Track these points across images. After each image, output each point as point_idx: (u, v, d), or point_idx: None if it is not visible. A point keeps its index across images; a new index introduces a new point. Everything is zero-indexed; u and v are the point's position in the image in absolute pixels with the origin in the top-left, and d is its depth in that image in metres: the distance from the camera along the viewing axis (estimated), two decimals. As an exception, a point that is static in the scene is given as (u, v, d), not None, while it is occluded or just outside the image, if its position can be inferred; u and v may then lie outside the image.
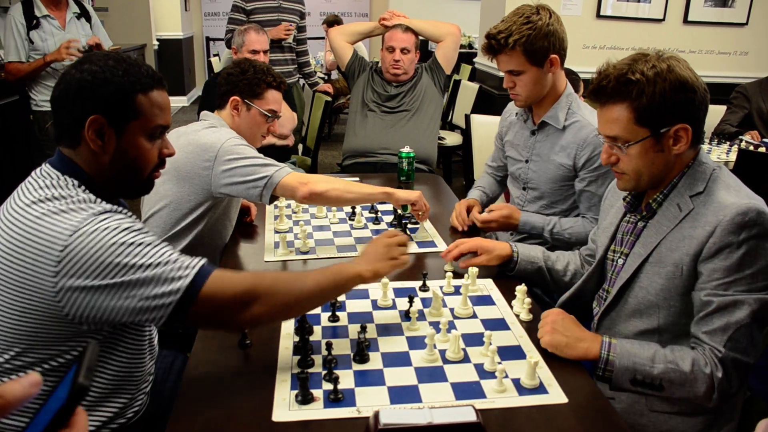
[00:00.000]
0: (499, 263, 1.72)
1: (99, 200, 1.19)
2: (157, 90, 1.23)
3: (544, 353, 1.35)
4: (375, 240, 1.46)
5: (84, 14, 3.62)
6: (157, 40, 8.12)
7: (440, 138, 4.28)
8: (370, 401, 1.19)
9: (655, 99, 1.29)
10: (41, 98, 3.47)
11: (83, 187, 1.19)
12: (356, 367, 1.30)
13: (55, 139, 1.23)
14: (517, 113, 2.23)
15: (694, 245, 1.30)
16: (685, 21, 4.63)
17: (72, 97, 1.17)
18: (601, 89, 1.35)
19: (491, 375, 1.26)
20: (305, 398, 1.18)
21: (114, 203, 1.26)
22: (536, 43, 1.90)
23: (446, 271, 1.72)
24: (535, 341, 1.40)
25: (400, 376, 1.27)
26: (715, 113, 3.93)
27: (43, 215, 1.11)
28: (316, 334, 1.43)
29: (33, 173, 1.22)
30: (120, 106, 1.18)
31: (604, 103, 1.37)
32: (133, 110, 1.19)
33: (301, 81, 4.60)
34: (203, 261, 1.18)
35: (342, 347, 1.36)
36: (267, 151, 3.14)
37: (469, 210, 2.14)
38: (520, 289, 1.55)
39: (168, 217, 1.91)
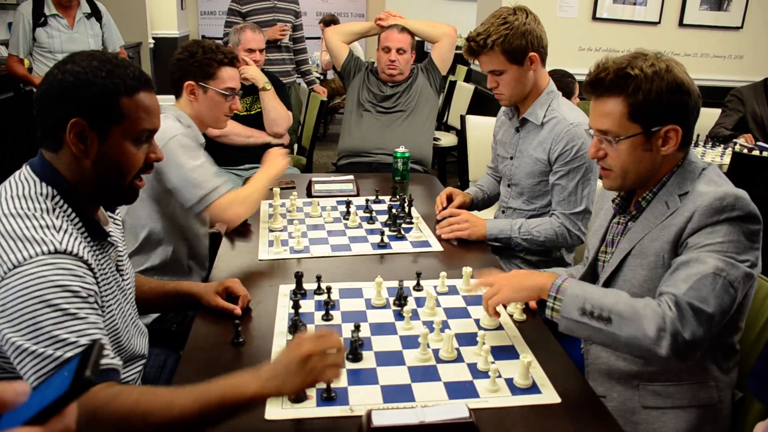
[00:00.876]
0: None
1: (66, 228, 1.12)
2: (143, 92, 1.17)
3: (536, 354, 1.35)
4: (292, 345, 1.08)
5: (95, 13, 3.63)
6: (153, 38, 8.09)
7: (435, 139, 4.28)
8: (363, 400, 1.19)
9: (650, 96, 1.30)
10: None
11: (57, 199, 1.14)
12: (349, 365, 1.30)
13: (38, 141, 1.18)
14: (505, 112, 2.28)
15: (673, 232, 1.31)
16: (681, 24, 4.65)
17: (54, 98, 1.12)
18: (599, 81, 1.36)
19: (484, 374, 1.26)
20: (298, 397, 1.17)
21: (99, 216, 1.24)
22: (513, 42, 1.96)
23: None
24: (529, 341, 1.40)
25: (393, 376, 1.27)
26: (710, 116, 3.95)
27: (2, 234, 1.07)
28: (310, 332, 1.42)
29: (13, 176, 1.18)
30: (103, 108, 1.12)
31: (600, 96, 1.37)
32: (117, 113, 1.14)
33: (298, 80, 4.60)
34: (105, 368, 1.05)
35: (335, 346, 1.36)
36: (262, 150, 3.15)
37: (450, 198, 2.19)
38: None
39: (129, 233, 1.89)
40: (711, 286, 1.21)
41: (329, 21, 6.38)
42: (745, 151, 3.36)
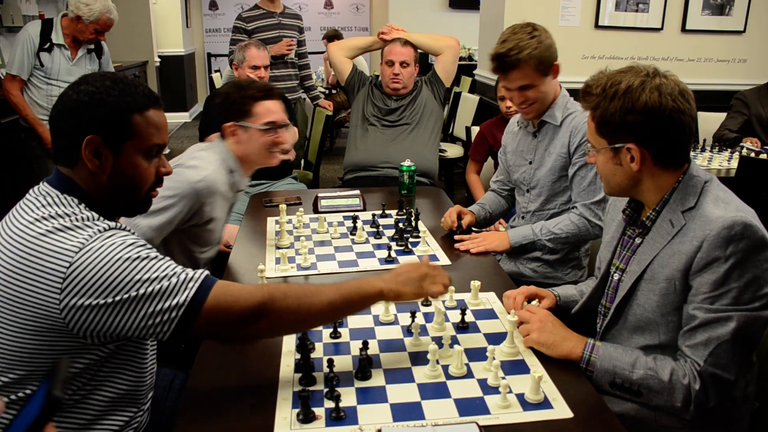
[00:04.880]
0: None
1: (101, 218, 1.20)
2: (153, 109, 1.25)
3: (547, 368, 1.33)
4: (415, 265, 1.42)
5: (97, 50, 3.64)
6: (159, 56, 8.17)
7: (441, 150, 4.29)
8: (372, 419, 1.18)
9: (606, 114, 1.35)
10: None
11: (83, 205, 1.21)
12: (358, 384, 1.29)
13: (53, 159, 1.25)
14: (518, 122, 2.29)
15: (684, 260, 1.30)
16: (683, 30, 4.64)
17: (68, 116, 1.19)
18: (580, 94, 1.44)
19: (495, 390, 1.25)
20: (307, 417, 1.17)
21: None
22: (544, 53, 1.99)
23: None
24: (539, 354, 1.39)
25: (402, 393, 1.26)
26: (715, 120, 3.94)
27: (48, 232, 1.12)
28: (318, 351, 1.42)
29: (31, 192, 1.23)
30: (116, 125, 1.20)
31: (585, 108, 1.44)
32: (130, 130, 1.21)
33: (303, 95, 4.62)
34: (205, 273, 1.19)
35: (344, 364, 1.35)
36: (268, 166, 3.16)
37: (460, 216, 2.19)
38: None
39: None
40: (731, 353, 1.25)
41: (332, 36, 6.42)
42: (752, 155, 3.34)
